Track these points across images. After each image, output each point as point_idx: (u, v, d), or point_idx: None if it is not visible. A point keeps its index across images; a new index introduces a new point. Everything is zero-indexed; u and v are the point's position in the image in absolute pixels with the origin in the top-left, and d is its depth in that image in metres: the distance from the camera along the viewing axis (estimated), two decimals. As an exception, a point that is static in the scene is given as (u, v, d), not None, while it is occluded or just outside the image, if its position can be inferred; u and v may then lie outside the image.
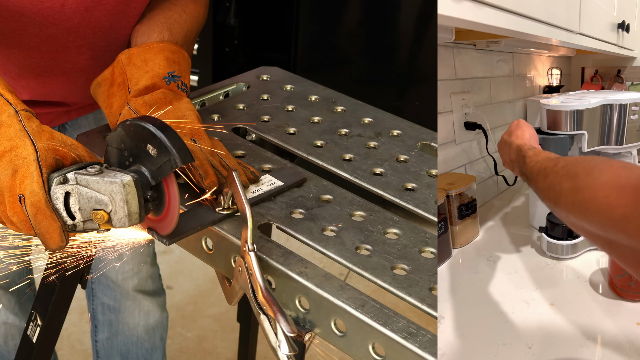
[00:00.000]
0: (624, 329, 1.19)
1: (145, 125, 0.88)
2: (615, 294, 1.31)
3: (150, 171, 0.90)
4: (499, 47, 1.84)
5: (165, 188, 0.91)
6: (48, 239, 0.88)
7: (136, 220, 0.88)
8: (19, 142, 0.89)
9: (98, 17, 1.18)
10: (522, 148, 1.14)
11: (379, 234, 1.00)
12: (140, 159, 0.90)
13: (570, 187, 0.82)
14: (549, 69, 2.51)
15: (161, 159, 0.88)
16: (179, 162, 0.87)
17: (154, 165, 0.89)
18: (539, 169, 1.00)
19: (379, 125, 1.26)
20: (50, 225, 0.87)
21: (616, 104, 1.46)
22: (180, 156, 0.87)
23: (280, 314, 0.87)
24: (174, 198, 0.91)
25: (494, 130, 1.92)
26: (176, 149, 0.87)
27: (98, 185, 0.87)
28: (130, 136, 0.90)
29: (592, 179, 0.77)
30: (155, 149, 0.88)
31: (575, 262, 1.49)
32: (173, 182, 0.91)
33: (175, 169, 0.88)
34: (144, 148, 0.89)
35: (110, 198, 0.87)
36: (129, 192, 0.86)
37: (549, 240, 1.51)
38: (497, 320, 1.22)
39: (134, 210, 0.87)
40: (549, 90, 2.46)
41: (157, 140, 0.88)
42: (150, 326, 1.66)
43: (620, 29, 2.13)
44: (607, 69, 2.61)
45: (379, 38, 2.58)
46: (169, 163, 0.88)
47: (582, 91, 1.83)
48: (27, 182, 0.87)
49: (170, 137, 0.88)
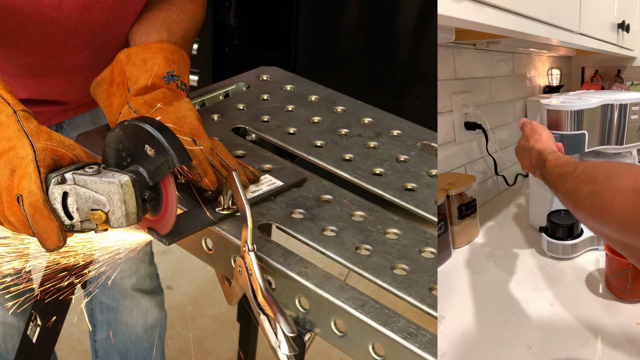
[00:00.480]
0: (624, 329, 1.19)
1: (143, 126, 0.88)
2: (612, 294, 1.31)
3: (148, 171, 0.90)
4: (499, 47, 1.84)
5: (163, 188, 0.91)
6: (46, 239, 0.88)
7: (134, 221, 0.88)
8: (17, 142, 0.89)
9: (96, 15, 1.18)
10: (543, 152, 1.15)
11: (379, 234, 1.00)
12: (138, 160, 0.90)
13: (589, 192, 0.83)
14: (549, 69, 2.50)
15: (159, 160, 0.88)
16: (176, 162, 0.87)
17: (151, 165, 0.89)
18: (559, 173, 1.01)
19: (379, 125, 1.26)
20: (48, 225, 0.87)
21: (616, 104, 1.46)
22: (178, 156, 0.88)
23: (280, 314, 0.87)
24: (171, 198, 0.91)
25: (494, 130, 1.92)
26: (174, 150, 0.87)
27: (96, 186, 0.87)
28: (128, 137, 0.90)
29: (611, 183, 0.78)
30: (153, 149, 0.88)
31: (576, 262, 1.49)
32: (171, 183, 0.91)
33: (173, 169, 0.88)
34: (141, 148, 0.89)
35: (108, 198, 0.87)
36: (127, 192, 0.86)
37: (549, 240, 1.50)
38: (497, 320, 1.22)
39: (132, 210, 0.87)
40: (549, 90, 2.46)
41: (155, 141, 0.88)
42: (149, 325, 1.66)
43: (620, 29, 2.12)
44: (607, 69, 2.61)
45: (378, 38, 2.58)
46: (166, 163, 0.88)
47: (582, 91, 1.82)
48: (25, 182, 0.87)
49: (168, 138, 0.88)
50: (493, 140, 1.87)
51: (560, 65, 2.56)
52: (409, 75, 2.66)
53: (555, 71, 2.52)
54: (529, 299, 1.30)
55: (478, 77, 1.87)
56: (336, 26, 2.65)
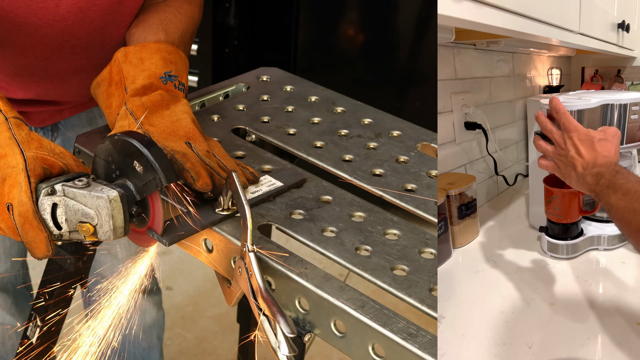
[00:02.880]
0: (624, 329, 1.19)
1: (132, 142, 0.90)
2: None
3: (135, 186, 0.91)
4: (499, 47, 1.84)
5: (150, 203, 0.93)
6: (34, 248, 0.89)
7: (121, 234, 0.90)
8: (8, 151, 0.90)
9: (92, 17, 1.18)
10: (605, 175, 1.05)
11: (379, 235, 1.00)
12: (126, 174, 0.92)
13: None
14: (549, 69, 2.50)
15: (147, 177, 0.90)
16: (164, 181, 0.89)
17: (139, 181, 0.91)
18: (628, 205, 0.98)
19: (379, 126, 1.26)
20: (37, 235, 0.88)
21: (616, 104, 1.46)
22: (166, 176, 0.90)
23: (280, 314, 0.87)
24: (158, 213, 0.93)
25: (494, 130, 1.92)
26: (162, 168, 0.89)
27: (85, 199, 0.88)
28: (118, 151, 0.92)
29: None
30: (142, 166, 0.90)
31: (575, 262, 1.49)
32: (158, 198, 0.93)
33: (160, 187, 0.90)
34: (130, 163, 0.91)
35: (96, 212, 0.88)
36: (115, 207, 0.88)
37: (549, 240, 1.50)
38: (497, 320, 1.22)
39: (119, 224, 0.89)
40: (549, 90, 2.45)
41: (144, 158, 0.89)
42: (147, 325, 1.66)
43: (620, 28, 2.12)
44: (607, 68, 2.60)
45: (378, 39, 2.58)
46: (154, 181, 0.90)
47: (582, 91, 1.82)
48: (15, 192, 0.87)
49: (156, 156, 0.90)
50: (493, 140, 1.87)
51: (560, 65, 2.56)
52: (408, 76, 2.66)
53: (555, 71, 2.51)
54: (529, 298, 1.30)
55: (478, 77, 1.87)
56: (336, 27, 2.65)
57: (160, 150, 0.91)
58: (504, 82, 2.07)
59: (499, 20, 1.07)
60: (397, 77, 2.64)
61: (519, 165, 2.18)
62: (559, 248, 1.49)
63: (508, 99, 2.12)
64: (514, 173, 2.14)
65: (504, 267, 1.46)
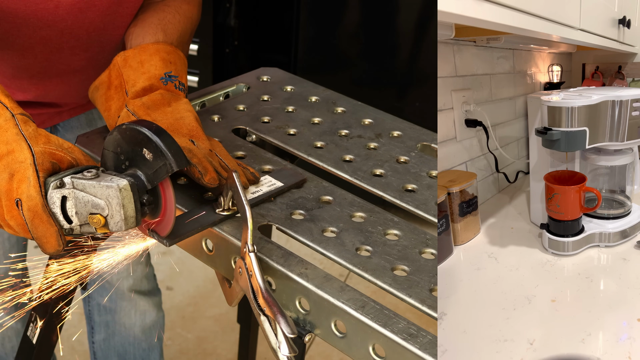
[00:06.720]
0: (625, 325, 1.19)
1: (141, 130, 0.89)
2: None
3: (146, 175, 0.90)
4: (499, 44, 1.84)
5: (162, 191, 0.92)
6: (45, 243, 0.88)
7: (132, 224, 0.88)
8: (16, 146, 0.90)
9: (92, 18, 1.18)
10: None
11: (379, 235, 1.00)
12: (136, 163, 0.90)
13: None
14: (550, 66, 2.50)
15: (157, 163, 0.88)
16: (174, 166, 0.88)
17: (149, 169, 0.89)
18: None
19: (379, 126, 1.26)
20: (47, 229, 0.87)
21: (617, 101, 1.46)
22: (176, 160, 0.88)
23: (280, 315, 0.87)
24: (170, 201, 0.92)
25: (495, 127, 1.92)
26: (172, 154, 0.88)
27: (94, 190, 0.87)
28: (127, 140, 0.90)
29: None
30: (151, 153, 0.88)
31: (577, 258, 1.49)
32: (169, 186, 0.91)
33: (171, 173, 0.89)
34: (139, 152, 0.89)
35: (106, 202, 0.87)
36: (125, 196, 0.87)
37: (551, 236, 1.50)
38: (499, 317, 1.22)
39: (131, 214, 0.88)
40: (549, 87, 2.45)
41: (153, 145, 0.88)
42: (147, 326, 1.66)
43: (621, 24, 2.12)
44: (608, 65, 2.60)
45: (379, 39, 2.58)
46: (164, 167, 0.88)
47: (583, 88, 1.82)
48: (24, 187, 0.87)
49: (165, 142, 0.88)
50: (494, 137, 1.87)
51: (561, 61, 2.56)
52: (409, 76, 2.66)
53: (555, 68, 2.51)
54: (530, 295, 1.30)
55: (478, 74, 1.87)
56: (336, 27, 2.65)
57: (169, 136, 0.89)
58: (504, 79, 2.07)
59: (499, 16, 1.06)
60: (397, 77, 2.64)
61: (519, 162, 2.17)
62: (560, 245, 1.49)
63: (509, 96, 2.11)
64: (514, 170, 2.14)
65: (505, 264, 1.46)
